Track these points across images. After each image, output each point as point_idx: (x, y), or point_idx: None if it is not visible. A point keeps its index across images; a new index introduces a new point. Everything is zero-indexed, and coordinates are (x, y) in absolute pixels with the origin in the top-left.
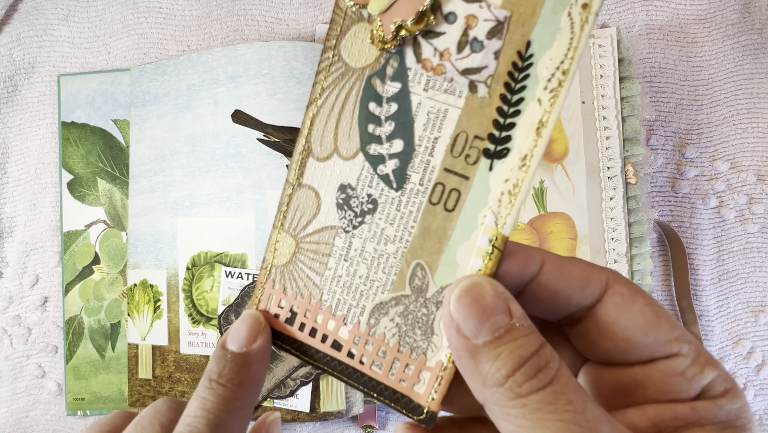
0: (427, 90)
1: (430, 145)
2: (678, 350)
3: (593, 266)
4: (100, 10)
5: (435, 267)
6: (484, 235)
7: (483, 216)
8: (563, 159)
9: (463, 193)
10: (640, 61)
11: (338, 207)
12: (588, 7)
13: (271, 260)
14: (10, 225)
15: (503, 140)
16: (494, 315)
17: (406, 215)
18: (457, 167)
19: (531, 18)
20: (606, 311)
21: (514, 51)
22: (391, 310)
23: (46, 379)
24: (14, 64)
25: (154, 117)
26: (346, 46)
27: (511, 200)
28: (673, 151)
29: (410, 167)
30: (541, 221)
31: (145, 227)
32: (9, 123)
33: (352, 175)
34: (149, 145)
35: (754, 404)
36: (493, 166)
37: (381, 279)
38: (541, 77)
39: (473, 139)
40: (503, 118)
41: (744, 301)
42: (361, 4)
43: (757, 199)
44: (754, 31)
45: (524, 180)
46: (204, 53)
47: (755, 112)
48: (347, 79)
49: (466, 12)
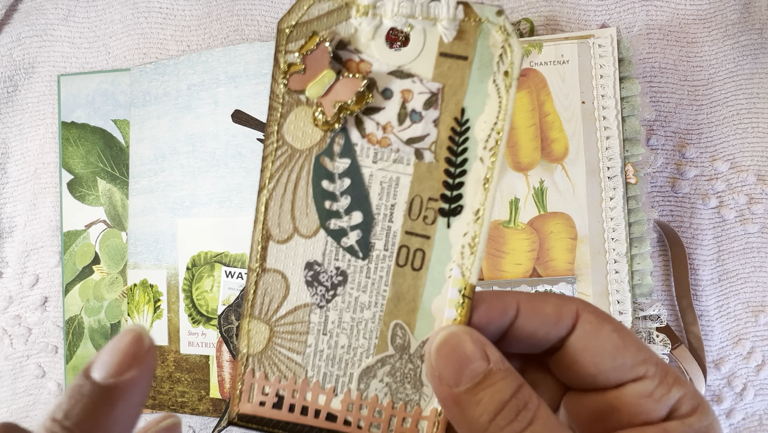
0: (376, 162)
1: (388, 213)
2: (644, 373)
3: (563, 298)
4: (100, 10)
5: (413, 324)
6: (453, 287)
7: (449, 269)
8: (563, 159)
9: (428, 251)
10: (640, 61)
11: (308, 285)
12: (509, 74)
13: (247, 350)
14: (10, 225)
15: (455, 199)
16: (472, 362)
17: (377, 281)
18: (418, 229)
19: (461, 87)
20: (577, 340)
21: (451, 118)
22: (379, 371)
23: (46, 379)
24: (14, 64)
25: (154, 117)
26: (289, 129)
27: (473, 251)
28: (673, 151)
29: (373, 235)
30: (541, 221)
31: (145, 226)
32: (9, 123)
33: (317, 251)
34: (149, 145)
35: (754, 404)
36: (450, 224)
37: (363, 345)
38: (479, 138)
39: (428, 201)
40: (452, 179)
41: (744, 301)
42: (298, 90)
43: (757, 199)
44: (754, 31)
45: (481, 232)
46: (204, 53)
47: (755, 112)
48: (295, 160)
49: (401, 87)
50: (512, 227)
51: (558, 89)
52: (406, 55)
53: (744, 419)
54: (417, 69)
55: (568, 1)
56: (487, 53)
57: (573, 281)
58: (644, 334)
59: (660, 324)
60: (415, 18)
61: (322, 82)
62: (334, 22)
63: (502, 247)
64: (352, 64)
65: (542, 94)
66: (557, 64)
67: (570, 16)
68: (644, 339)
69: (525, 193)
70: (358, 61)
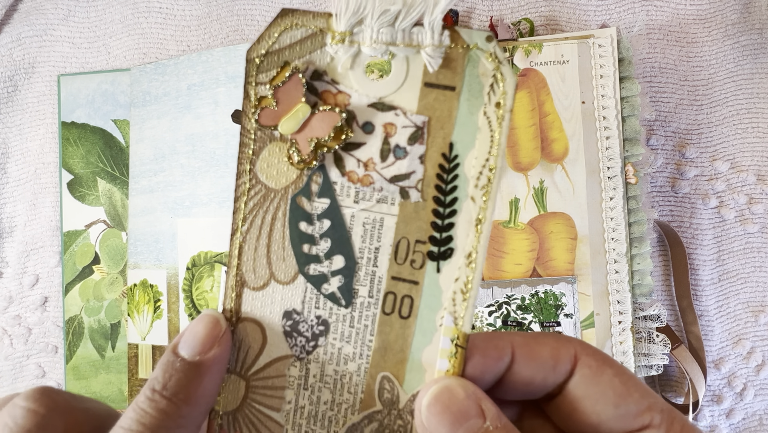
0: (358, 202)
1: (372, 256)
2: (650, 421)
3: (561, 339)
4: (100, 10)
5: (402, 376)
6: (445, 336)
7: (440, 317)
8: (563, 159)
9: (416, 298)
10: (640, 61)
11: (286, 335)
12: (501, 105)
13: (220, 407)
14: (10, 225)
15: (445, 241)
16: (467, 420)
17: (362, 330)
18: (405, 274)
19: (449, 120)
20: (576, 386)
21: (439, 154)
22: (366, 429)
23: (46, 379)
24: (14, 64)
25: (154, 117)
26: (262, 167)
27: (465, 297)
28: (673, 151)
29: (356, 281)
30: (541, 221)
31: (145, 226)
32: (9, 123)
33: (296, 299)
34: (149, 145)
35: (754, 404)
36: (440, 268)
37: (348, 400)
38: (470, 176)
39: (415, 243)
40: (441, 220)
41: (744, 301)
42: (270, 126)
43: (757, 199)
44: (754, 31)
45: (474, 277)
46: (204, 53)
47: (755, 112)
48: (270, 201)
49: (383, 121)
50: (512, 226)
51: (558, 89)
52: (387, 85)
53: (744, 419)
54: (400, 101)
55: (568, 1)
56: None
57: (573, 281)
58: (644, 334)
59: (660, 324)
60: (396, 45)
61: (295, 117)
62: (308, 50)
63: (502, 247)
64: (329, 96)
65: (542, 94)
66: (557, 64)
67: (570, 16)
68: (644, 339)
69: (525, 193)
70: (336, 92)
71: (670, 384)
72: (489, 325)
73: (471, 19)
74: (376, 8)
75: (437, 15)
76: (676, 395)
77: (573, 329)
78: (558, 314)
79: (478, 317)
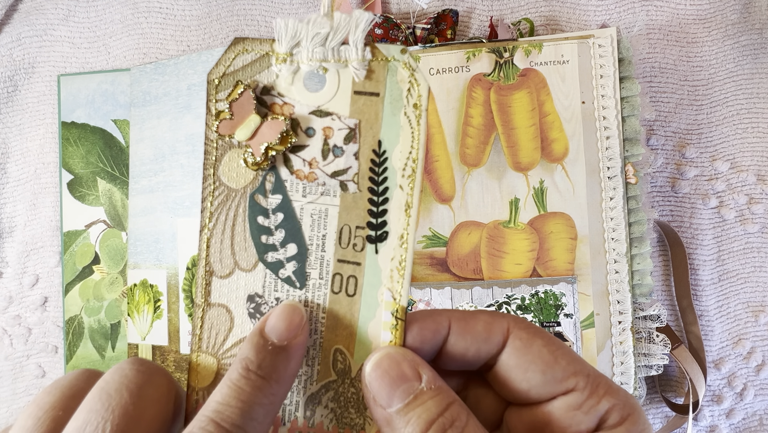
0: (305, 196)
1: (320, 243)
2: (574, 385)
3: (494, 315)
4: (100, 10)
5: (352, 348)
6: (386, 310)
7: (381, 294)
8: (563, 159)
9: (359, 277)
10: (640, 61)
11: (251, 316)
12: (418, 106)
13: (196, 384)
14: (10, 225)
15: (380, 225)
16: (404, 382)
17: (315, 309)
18: (348, 256)
19: (376, 121)
20: (509, 356)
21: (370, 150)
22: (323, 397)
23: (46, 379)
24: (14, 64)
25: (154, 117)
26: (224, 171)
27: (401, 274)
28: (673, 151)
29: (308, 265)
30: (541, 221)
31: (145, 227)
32: (9, 123)
33: (257, 284)
34: (149, 145)
35: (754, 404)
36: (378, 250)
37: (307, 372)
38: (397, 167)
39: (356, 229)
40: (376, 207)
41: (744, 301)
42: (228, 135)
43: (757, 199)
44: (754, 31)
45: (406, 256)
46: (204, 53)
47: (755, 112)
48: (231, 200)
49: (322, 125)
50: (512, 226)
51: (558, 89)
52: (324, 95)
53: (744, 419)
54: (335, 107)
55: (568, 1)
56: (397, 88)
57: (573, 280)
58: (644, 334)
59: (660, 324)
60: (328, 61)
61: (248, 126)
62: (258, 70)
63: (502, 247)
64: (276, 107)
65: (542, 94)
66: (557, 64)
67: (570, 16)
68: (644, 339)
69: (525, 193)
70: (282, 104)
71: (670, 384)
72: None
73: (471, 19)
74: (309, 32)
75: (359, 35)
76: (676, 395)
77: (573, 329)
78: (558, 314)
79: None
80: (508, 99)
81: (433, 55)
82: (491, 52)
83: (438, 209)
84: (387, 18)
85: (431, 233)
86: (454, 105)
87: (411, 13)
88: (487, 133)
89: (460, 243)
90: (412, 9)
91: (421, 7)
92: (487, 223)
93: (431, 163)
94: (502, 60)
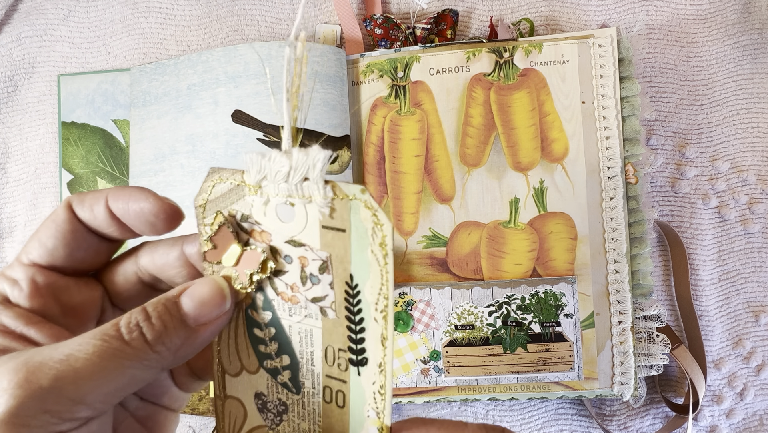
0: (291, 315)
1: (309, 358)
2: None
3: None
4: (100, 10)
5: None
6: (372, 426)
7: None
8: (563, 159)
9: (347, 393)
10: (640, 61)
11: (259, 411)
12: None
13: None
14: (10, 225)
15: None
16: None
17: (312, 412)
18: (335, 373)
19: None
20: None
21: (343, 282)
22: None
23: None
24: (14, 64)
25: (154, 117)
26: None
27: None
28: (673, 151)
29: (301, 375)
30: (541, 221)
31: None
32: (9, 123)
33: (261, 385)
34: (149, 145)
35: (754, 404)
36: (360, 372)
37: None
38: (370, 301)
39: (339, 351)
40: (354, 334)
41: (744, 301)
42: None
43: (758, 199)
44: (754, 31)
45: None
46: (204, 53)
47: (755, 112)
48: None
49: (297, 254)
50: (512, 226)
51: (558, 89)
52: (295, 227)
53: (744, 419)
54: (306, 239)
55: (568, 1)
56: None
57: (573, 281)
58: (644, 334)
59: (660, 324)
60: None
61: (231, 256)
62: (235, 199)
63: (502, 247)
64: (256, 233)
65: (542, 94)
66: (557, 64)
67: (570, 16)
68: (644, 339)
69: (525, 193)
70: (260, 231)
71: (670, 384)
72: (489, 325)
73: (471, 19)
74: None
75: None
76: (676, 395)
77: (573, 329)
78: (558, 314)
79: (479, 317)
80: (508, 99)
81: (433, 55)
82: (491, 52)
83: (438, 209)
84: (387, 18)
85: (431, 233)
86: (454, 105)
87: (411, 13)
88: (487, 133)
89: (460, 243)
90: (412, 9)
91: (421, 7)
92: (487, 223)
93: (431, 163)
94: (502, 60)
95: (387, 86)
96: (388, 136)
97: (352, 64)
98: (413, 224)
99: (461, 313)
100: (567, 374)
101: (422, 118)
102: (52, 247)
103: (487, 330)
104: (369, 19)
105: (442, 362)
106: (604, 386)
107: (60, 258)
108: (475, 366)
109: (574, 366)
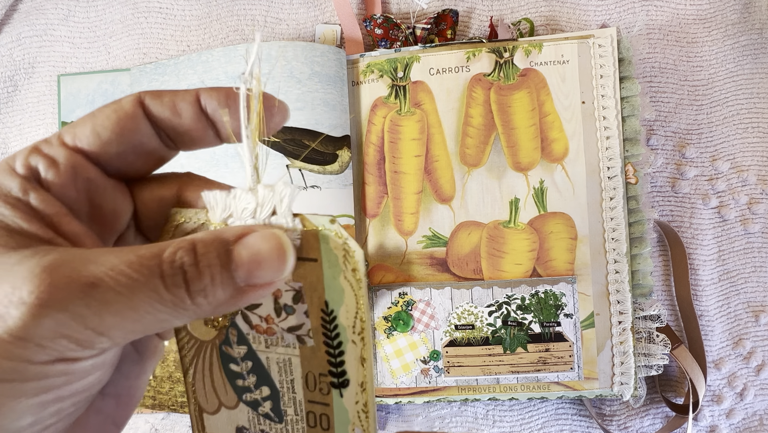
0: (268, 347)
1: (290, 386)
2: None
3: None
4: (100, 10)
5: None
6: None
7: (352, 429)
8: (563, 159)
9: (331, 416)
10: (640, 61)
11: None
12: (356, 271)
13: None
14: None
15: (341, 374)
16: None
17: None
18: (317, 398)
19: (319, 284)
20: None
21: (318, 309)
22: None
23: None
24: (14, 64)
25: None
26: (194, 325)
27: (367, 415)
28: (673, 151)
29: (283, 404)
30: (541, 221)
31: None
32: (9, 123)
33: (242, 418)
34: None
35: (754, 404)
36: (342, 394)
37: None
38: (347, 325)
39: (319, 376)
40: (333, 358)
41: (744, 301)
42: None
43: (758, 199)
44: (754, 31)
45: (369, 399)
46: (204, 53)
47: (755, 112)
48: (204, 349)
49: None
50: (512, 226)
51: (558, 89)
52: None
53: (744, 419)
54: None
55: (568, 1)
56: (332, 255)
57: (573, 281)
58: (644, 334)
59: (660, 324)
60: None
61: None
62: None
63: (502, 247)
64: None
65: (542, 94)
66: (557, 64)
67: (570, 16)
68: (644, 339)
69: (525, 193)
70: None
71: (670, 384)
72: (489, 325)
73: (471, 19)
74: (237, 207)
75: (284, 208)
76: (676, 395)
77: (573, 329)
78: (558, 314)
79: (479, 317)
80: (508, 99)
81: (433, 55)
82: (491, 52)
83: (438, 209)
84: (387, 18)
85: (431, 233)
86: (454, 105)
87: (411, 13)
88: (487, 133)
89: (460, 243)
90: (412, 9)
91: (421, 7)
92: (487, 223)
93: (431, 163)
94: (502, 60)
95: (387, 86)
96: (388, 136)
97: (352, 64)
98: (413, 224)
99: (461, 313)
100: (567, 374)
101: (422, 118)
102: (106, 139)
103: (487, 330)
104: (369, 19)
105: (442, 362)
106: (604, 386)
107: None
108: (475, 366)
109: (574, 366)
